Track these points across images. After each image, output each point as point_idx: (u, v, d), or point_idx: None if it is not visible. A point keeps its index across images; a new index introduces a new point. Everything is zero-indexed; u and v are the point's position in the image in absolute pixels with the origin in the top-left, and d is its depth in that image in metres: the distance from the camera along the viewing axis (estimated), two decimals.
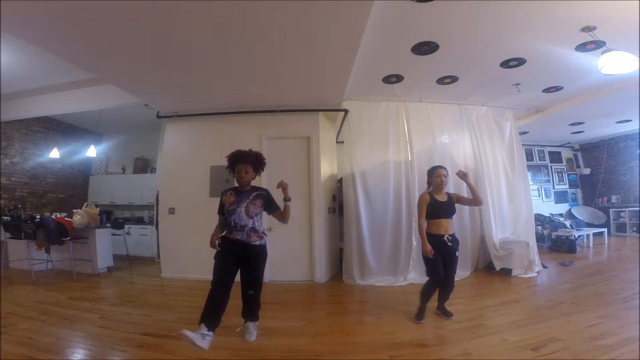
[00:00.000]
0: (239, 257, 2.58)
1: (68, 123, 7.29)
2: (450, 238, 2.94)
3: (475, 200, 3.09)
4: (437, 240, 2.92)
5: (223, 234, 2.67)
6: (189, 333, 2.16)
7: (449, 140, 5.09)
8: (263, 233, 2.69)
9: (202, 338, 2.21)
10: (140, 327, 2.91)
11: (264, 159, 2.77)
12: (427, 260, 2.96)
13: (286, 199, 2.69)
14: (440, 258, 2.93)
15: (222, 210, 2.69)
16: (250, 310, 2.68)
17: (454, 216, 3.07)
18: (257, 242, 2.62)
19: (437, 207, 2.96)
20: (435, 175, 3.04)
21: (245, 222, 2.58)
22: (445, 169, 3.09)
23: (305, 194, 4.71)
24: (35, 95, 5.32)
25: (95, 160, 7.91)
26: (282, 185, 2.68)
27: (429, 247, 2.88)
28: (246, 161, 2.66)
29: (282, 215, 2.73)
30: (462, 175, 3.05)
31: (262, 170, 2.79)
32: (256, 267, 2.63)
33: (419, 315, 3.00)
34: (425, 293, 3.00)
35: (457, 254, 3.01)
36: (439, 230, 2.94)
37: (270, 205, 2.73)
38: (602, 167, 8.78)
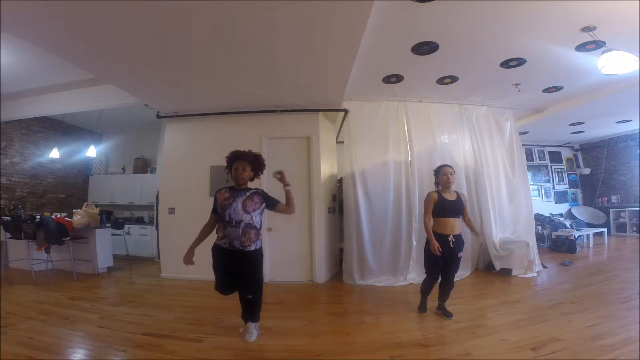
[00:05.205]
0: (234, 265, 2.52)
1: (68, 123, 7.29)
2: (454, 239, 2.94)
3: (467, 224, 3.13)
4: (441, 240, 2.93)
5: (218, 239, 2.57)
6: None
7: (449, 140, 5.09)
8: (259, 231, 2.58)
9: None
10: (140, 327, 2.91)
11: (263, 161, 2.72)
12: (426, 256, 3.02)
13: (286, 184, 2.65)
14: (442, 258, 2.94)
15: (216, 208, 2.62)
16: (250, 313, 2.68)
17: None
18: (252, 248, 2.52)
19: (445, 206, 2.98)
20: (441, 173, 3.08)
21: (241, 217, 2.49)
22: (451, 167, 3.12)
23: (305, 194, 4.71)
24: (35, 95, 5.31)
25: (95, 160, 7.91)
26: (279, 174, 2.64)
27: (436, 244, 2.89)
28: (244, 159, 2.63)
29: (285, 205, 2.66)
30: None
31: (262, 172, 2.74)
32: (253, 272, 2.57)
33: (421, 307, 3.22)
34: (424, 288, 3.20)
35: (460, 255, 3.02)
36: (445, 229, 2.95)
37: (270, 201, 2.65)
38: (602, 167, 8.78)
